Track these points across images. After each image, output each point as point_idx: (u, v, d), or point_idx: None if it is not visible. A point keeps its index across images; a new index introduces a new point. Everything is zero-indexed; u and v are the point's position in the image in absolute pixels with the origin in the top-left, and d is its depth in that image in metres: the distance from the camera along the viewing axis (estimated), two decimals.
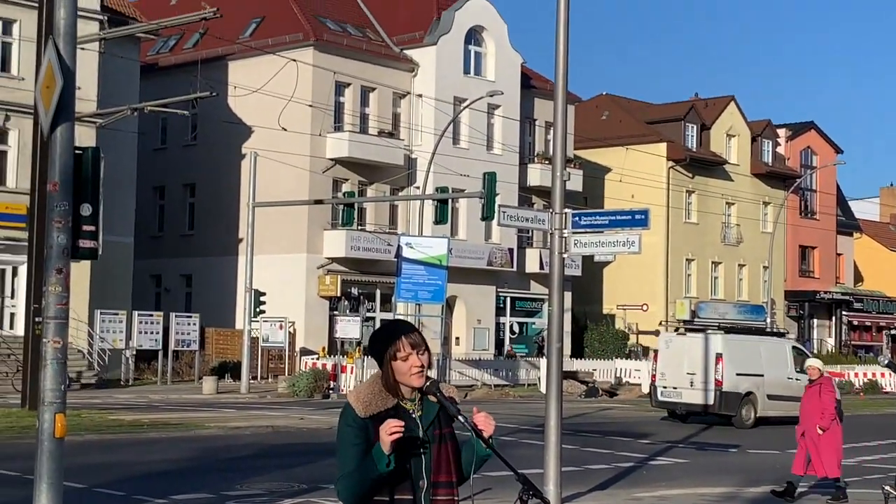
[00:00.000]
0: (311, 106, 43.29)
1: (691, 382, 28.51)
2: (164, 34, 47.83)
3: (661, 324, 58.25)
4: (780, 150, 67.78)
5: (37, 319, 23.81)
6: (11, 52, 37.46)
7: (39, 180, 24.44)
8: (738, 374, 28.53)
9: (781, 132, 68.13)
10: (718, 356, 28.16)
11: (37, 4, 27.30)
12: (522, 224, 15.31)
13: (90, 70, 37.24)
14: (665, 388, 28.94)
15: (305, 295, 44.83)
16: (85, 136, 36.05)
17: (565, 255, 13.86)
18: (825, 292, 68.67)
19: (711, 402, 28.25)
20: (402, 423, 4.38)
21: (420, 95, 48.02)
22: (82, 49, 31.49)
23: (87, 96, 36.49)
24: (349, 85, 46.43)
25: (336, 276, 45.08)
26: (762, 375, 29.09)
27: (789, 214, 65.10)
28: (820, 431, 14.85)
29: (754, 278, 63.80)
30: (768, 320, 55.33)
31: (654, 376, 29.86)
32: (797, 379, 27.88)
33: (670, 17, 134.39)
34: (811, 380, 15.23)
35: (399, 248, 38.42)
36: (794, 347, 31.48)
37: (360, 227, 45.51)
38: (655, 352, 30.45)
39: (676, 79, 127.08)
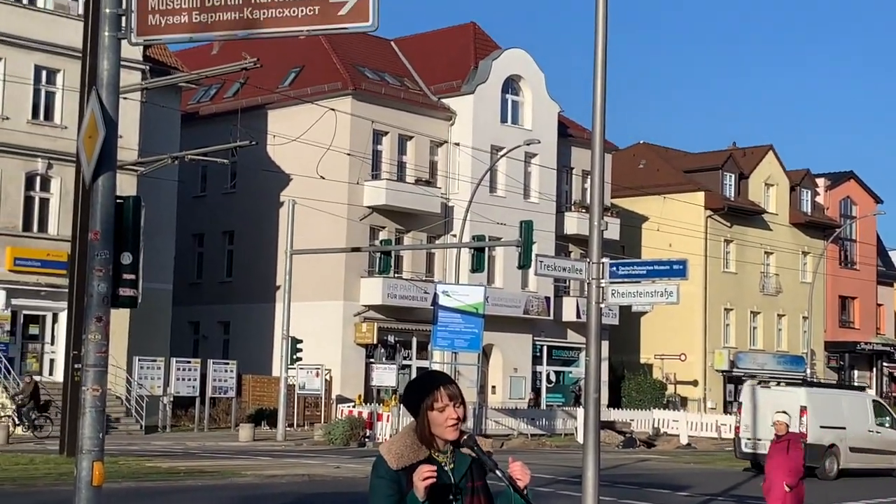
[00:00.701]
0: (349, 154, 43.57)
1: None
2: (204, 83, 48.39)
3: (696, 382, 57.78)
4: (820, 199, 67.40)
5: (76, 366, 23.97)
6: (55, 102, 38.01)
7: (81, 228, 24.69)
8: (821, 427, 28.90)
9: (820, 181, 67.78)
10: (803, 409, 28.55)
11: (80, 55, 27.72)
12: (560, 274, 15.29)
13: (132, 119, 37.71)
14: (749, 439, 29.38)
15: (342, 342, 44.87)
16: (126, 184, 36.44)
17: (603, 305, 13.82)
18: (865, 343, 67.93)
19: None
20: (435, 469, 4.38)
21: (457, 144, 48.21)
22: (124, 98, 31.94)
23: (128, 145, 36.93)
24: (387, 133, 46.71)
25: (373, 323, 45.11)
26: (844, 428, 29.54)
27: (829, 264, 64.59)
28: (787, 489, 14.22)
29: (794, 329, 63.23)
30: (808, 371, 54.75)
31: (737, 428, 30.41)
32: (878, 432, 29.08)
33: (708, 65, 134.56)
34: (778, 435, 14.52)
35: (436, 295, 38.41)
36: (874, 401, 31.80)
37: (396, 275, 45.57)
38: (739, 404, 30.95)
39: (714, 127, 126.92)
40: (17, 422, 33.09)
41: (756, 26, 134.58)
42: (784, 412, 14.87)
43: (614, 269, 13.97)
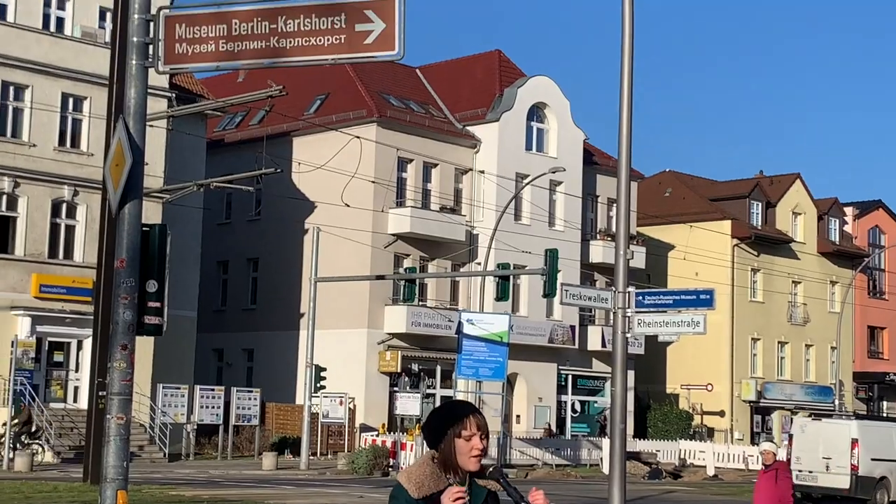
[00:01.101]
0: (373, 182, 43.68)
1: (827, 467, 29.02)
2: (230, 111, 48.69)
3: (722, 413, 57.39)
4: (848, 228, 67.05)
5: (100, 393, 24.04)
6: (81, 129, 38.31)
7: (106, 255, 24.82)
8: (872, 460, 29.05)
9: (848, 210, 67.45)
10: (854, 441, 28.75)
11: (107, 82, 27.94)
12: (585, 303, 15.26)
13: (157, 146, 37.96)
14: (801, 471, 29.35)
15: (366, 370, 44.85)
16: (151, 211, 36.66)
17: (628, 335, 13.78)
18: (895, 374, 67.34)
19: (847, 486, 28.77)
20: (465, 490, 4.39)
21: (482, 171, 48.26)
22: (150, 126, 32.16)
23: (154, 172, 37.17)
24: (412, 161, 46.82)
25: (397, 351, 45.08)
26: (895, 461, 29.54)
27: (857, 294, 64.16)
28: None
29: (822, 359, 62.79)
30: (836, 402, 54.32)
31: (788, 460, 30.35)
32: None
33: (735, 93, 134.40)
34: (766, 465, 14.37)
35: (460, 324, 38.37)
36: None
37: (421, 303, 45.55)
38: (790, 436, 31.11)
39: (741, 156, 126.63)
40: (12, 447, 32.86)
41: (783, 55, 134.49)
42: (772, 441, 14.78)
43: (640, 298, 13.93)
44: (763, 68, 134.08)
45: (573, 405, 51.93)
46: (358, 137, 41.08)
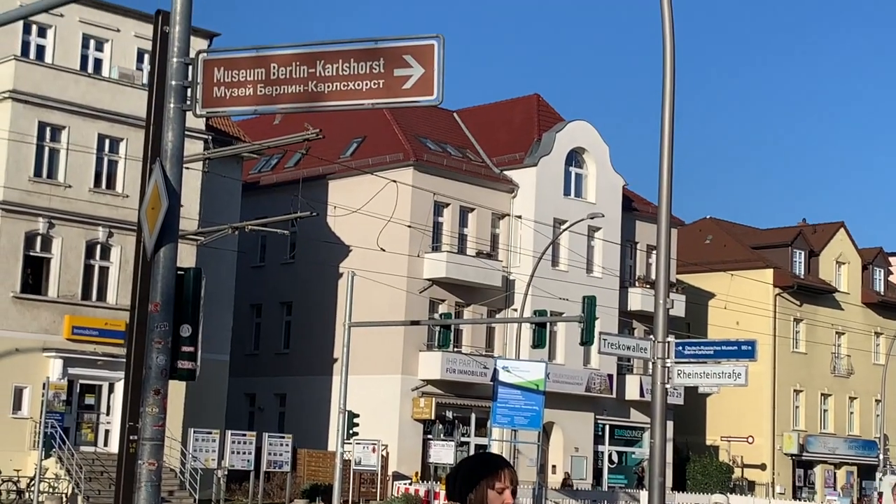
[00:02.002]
0: (409, 226, 43.77)
1: None
2: (266, 153, 49.04)
3: (763, 466, 56.75)
4: (893, 278, 66.45)
5: (132, 437, 24.08)
6: (117, 170, 38.67)
7: (140, 298, 24.95)
8: None
9: (893, 260, 66.87)
10: None
11: (144, 124, 28.24)
12: (624, 352, 15.19)
13: (193, 188, 38.26)
14: None
15: (399, 417, 44.73)
16: (186, 254, 36.88)
17: (668, 386, 13.69)
18: None
19: None
20: None
21: (519, 217, 48.28)
22: (186, 168, 32.45)
23: (189, 214, 37.44)
24: (448, 205, 46.91)
25: (431, 398, 44.96)
26: None
27: None
28: None
29: (866, 412, 62.05)
30: (881, 457, 53.60)
31: None
32: None
33: (777, 139, 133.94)
34: None
35: (496, 371, 38.26)
36: None
37: (456, 350, 45.46)
38: (880, 494, 30.97)
39: (783, 203, 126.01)
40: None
41: (828, 101, 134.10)
42: (721, 493, 14.68)
43: (680, 348, 13.86)
44: (808, 115, 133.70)
45: (610, 456, 51.52)
46: (394, 181, 41.21)
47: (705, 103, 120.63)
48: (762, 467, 57.64)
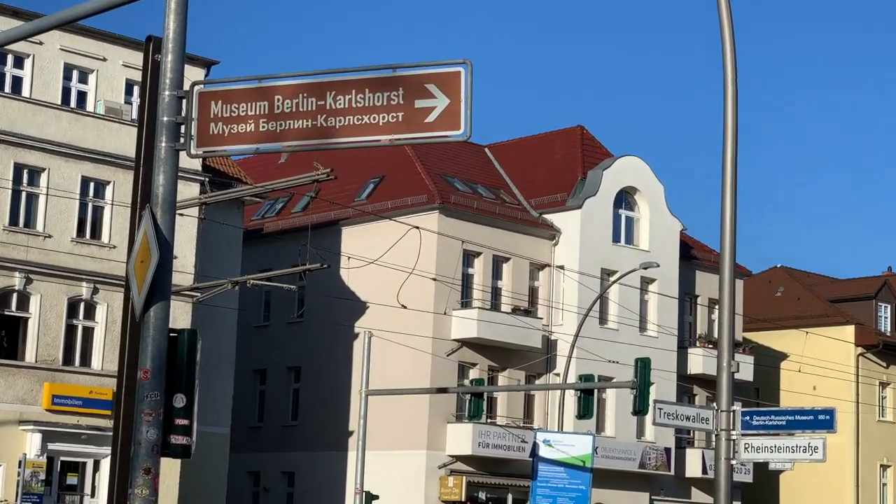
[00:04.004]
0: (435, 279, 43.80)
1: None
2: (270, 197, 49.27)
3: None
4: None
5: None
6: (103, 217, 38.92)
7: (128, 363, 25.04)
8: None
9: None
10: None
11: (132, 165, 28.46)
12: (682, 424, 15.13)
13: (188, 237, 38.45)
14: None
15: (424, 499, 44.55)
16: (180, 312, 37.00)
17: (734, 461, 13.61)
18: None
19: None
20: None
21: (561, 267, 48.24)
22: (180, 214, 32.66)
23: (183, 267, 37.59)
24: (479, 255, 46.95)
25: (461, 477, 44.76)
26: None
27: None
28: None
29: None
30: None
31: None
32: None
33: (854, 179, 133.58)
34: None
35: (535, 445, 38.10)
36: None
37: (489, 421, 45.30)
38: None
39: (866, 250, 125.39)
40: None
41: None
42: None
43: (747, 418, 13.80)
44: (892, 149, 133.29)
45: None
46: (417, 227, 41.27)
47: (773, 136, 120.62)
48: None
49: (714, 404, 13.84)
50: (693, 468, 50.60)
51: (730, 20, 15.10)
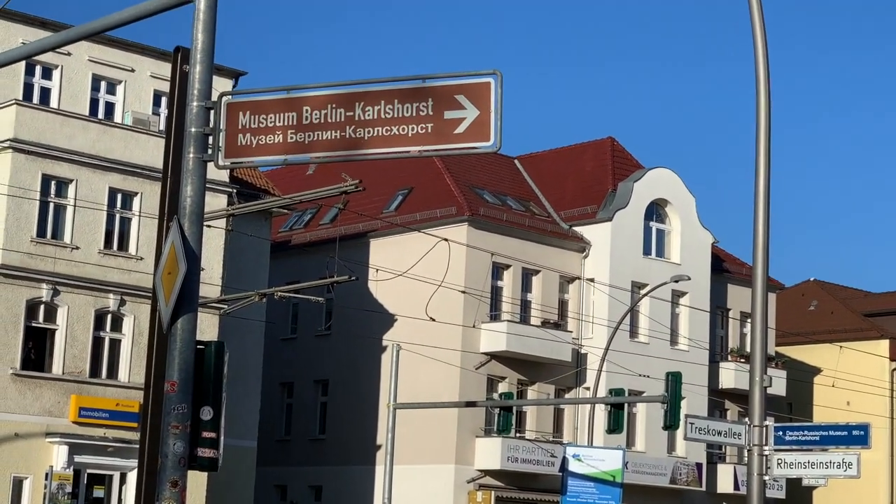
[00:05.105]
0: (463, 292, 43.79)
1: None
2: (298, 208, 49.38)
3: None
4: None
5: None
6: (130, 229, 39.05)
7: (155, 376, 25.10)
8: None
9: None
10: None
11: (160, 176, 28.57)
12: (714, 439, 15.07)
13: (215, 249, 38.57)
14: None
15: None
16: (207, 324, 37.10)
17: (766, 477, 13.55)
18: None
19: None
20: None
21: (591, 280, 48.18)
22: (208, 226, 32.74)
23: (210, 279, 37.70)
24: (508, 267, 46.94)
25: (489, 492, 44.71)
26: None
27: None
28: None
29: None
30: None
31: None
32: None
33: (888, 191, 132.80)
34: None
35: (565, 460, 38.02)
36: None
37: (518, 435, 45.25)
38: None
39: None
40: None
41: None
42: None
43: (780, 433, 13.74)
44: None
45: None
46: (446, 240, 41.24)
47: (806, 146, 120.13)
48: None
49: (746, 419, 13.77)
50: (725, 484, 50.38)
51: (762, 28, 15.06)
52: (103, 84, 39.86)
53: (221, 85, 38.07)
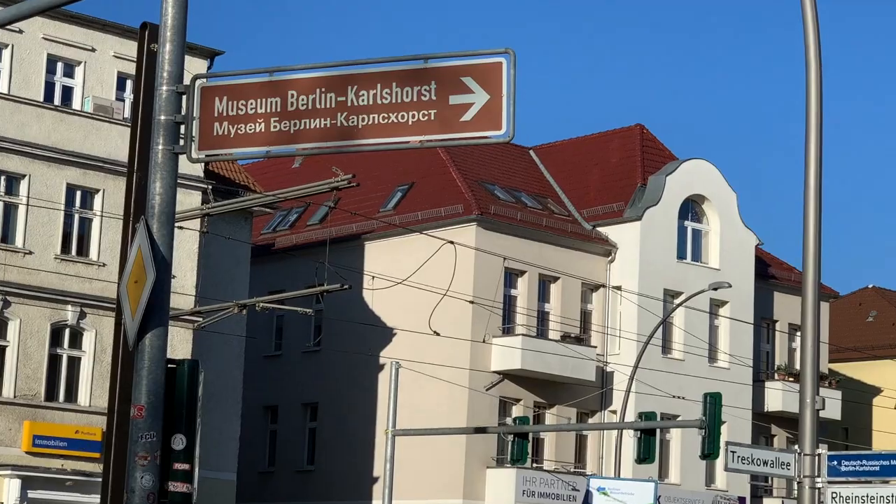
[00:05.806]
0: (472, 302, 43.78)
1: None
2: (283, 207, 49.39)
3: None
4: None
5: None
6: (91, 231, 39.04)
7: (119, 399, 25.11)
8: None
9: None
10: None
11: (125, 170, 28.61)
12: (759, 469, 15.07)
13: (188, 253, 38.58)
14: None
15: None
16: (179, 340, 37.10)
17: None
18: None
19: None
20: None
21: (618, 288, 48.19)
22: (179, 227, 32.76)
23: (183, 288, 37.69)
24: (523, 273, 46.94)
25: None
26: None
27: None
28: None
29: None
30: None
31: None
32: None
33: None
34: None
35: (588, 494, 38.08)
36: None
37: (535, 466, 45.27)
38: None
39: None
40: None
41: None
42: None
43: (835, 463, 13.74)
44: None
45: None
46: (452, 242, 41.27)
47: (862, 139, 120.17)
48: None
49: (796, 447, 13.76)
50: None
51: (814, 8, 15.07)
52: (60, 66, 39.85)
53: (195, 66, 38.00)
